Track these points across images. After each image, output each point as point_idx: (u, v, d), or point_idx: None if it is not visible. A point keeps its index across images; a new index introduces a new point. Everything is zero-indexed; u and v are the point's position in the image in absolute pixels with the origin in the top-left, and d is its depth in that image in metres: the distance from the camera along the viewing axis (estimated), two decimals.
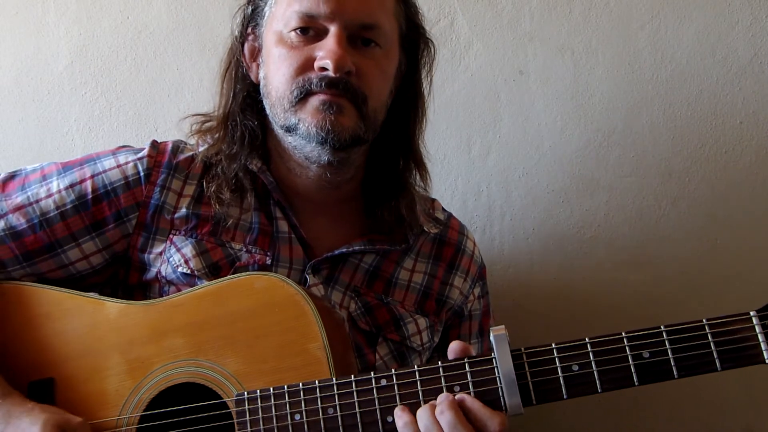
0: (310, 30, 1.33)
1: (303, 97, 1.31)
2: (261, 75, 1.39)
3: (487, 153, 1.88)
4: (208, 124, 1.44)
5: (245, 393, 1.18)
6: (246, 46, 1.43)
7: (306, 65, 1.31)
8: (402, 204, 1.43)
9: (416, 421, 1.10)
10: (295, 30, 1.33)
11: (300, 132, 1.32)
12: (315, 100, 1.30)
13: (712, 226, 1.82)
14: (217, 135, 1.41)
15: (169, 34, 1.94)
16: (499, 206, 1.88)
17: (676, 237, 1.83)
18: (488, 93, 1.89)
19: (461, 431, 1.06)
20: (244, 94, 1.42)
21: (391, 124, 1.43)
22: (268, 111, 1.38)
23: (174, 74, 1.93)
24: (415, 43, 1.45)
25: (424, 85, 1.48)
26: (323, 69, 1.30)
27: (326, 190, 1.41)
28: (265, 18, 1.39)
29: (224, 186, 1.37)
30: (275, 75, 1.34)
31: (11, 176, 1.40)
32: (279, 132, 1.37)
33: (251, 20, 1.42)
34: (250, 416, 1.17)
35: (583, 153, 1.86)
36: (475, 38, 1.89)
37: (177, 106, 1.91)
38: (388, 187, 1.45)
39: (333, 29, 1.31)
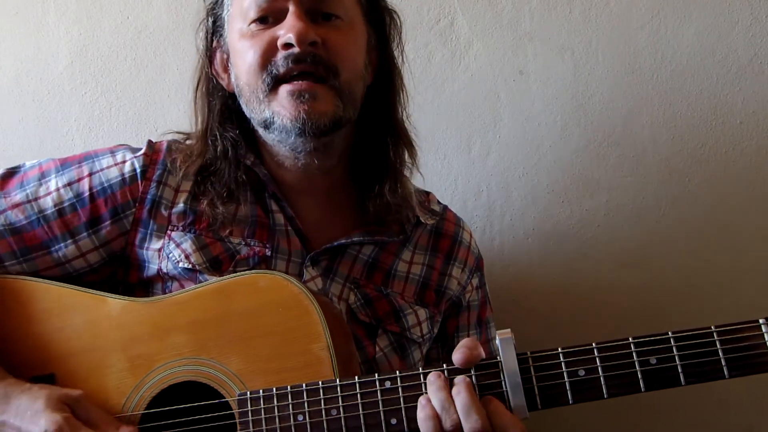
0: (269, 18, 1.33)
1: (273, 85, 1.30)
2: (233, 78, 1.39)
3: (487, 153, 1.88)
4: (189, 142, 1.44)
5: (248, 393, 1.17)
6: (216, 58, 1.42)
7: (270, 49, 1.31)
8: (391, 183, 1.42)
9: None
10: (254, 21, 1.33)
11: (276, 126, 1.31)
12: (283, 90, 1.30)
13: (712, 226, 1.82)
14: (198, 152, 1.40)
15: (169, 34, 1.93)
16: (499, 206, 1.88)
17: (676, 237, 1.83)
18: (488, 93, 1.88)
19: (473, 415, 1.06)
20: (219, 107, 1.41)
21: (373, 105, 1.43)
22: (245, 110, 1.37)
23: (174, 74, 1.92)
24: (380, 16, 1.45)
25: (396, 56, 1.47)
26: (287, 46, 1.29)
27: (317, 178, 1.41)
28: (226, 24, 1.39)
29: (219, 181, 1.37)
30: (243, 67, 1.34)
31: (10, 173, 1.40)
32: (259, 129, 1.37)
33: (214, 32, 1.42)
34: (252, 416, 1.16)
35: (583, 153, 1.86)
36: (475, 38, 1.89)
37: (177, 106, 1.91)
38: (376, 168, 1.44)
39: (290, 8, 1.31)
